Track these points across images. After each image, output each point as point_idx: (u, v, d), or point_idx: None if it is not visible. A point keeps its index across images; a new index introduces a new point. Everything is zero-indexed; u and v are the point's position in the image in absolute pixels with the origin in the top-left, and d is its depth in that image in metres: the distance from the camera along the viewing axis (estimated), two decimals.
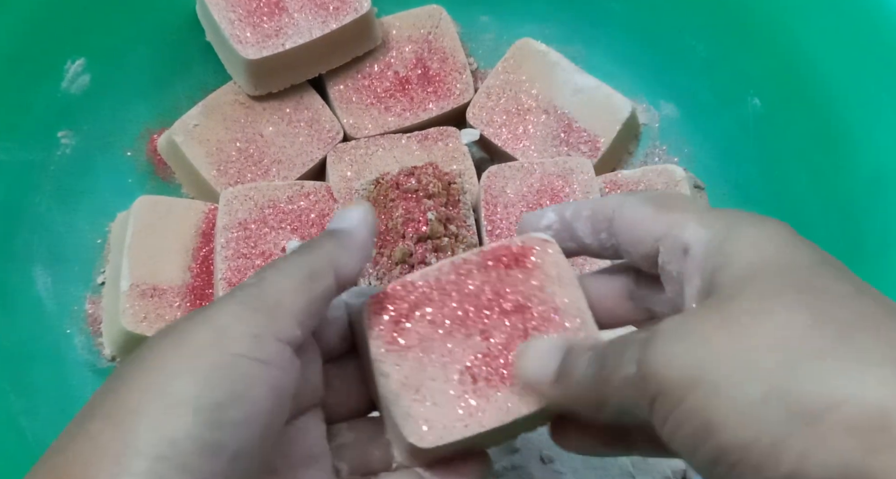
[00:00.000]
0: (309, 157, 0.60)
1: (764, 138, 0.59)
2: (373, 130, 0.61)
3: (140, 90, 0.61)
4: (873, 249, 0.52)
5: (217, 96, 0.60)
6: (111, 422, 0.27)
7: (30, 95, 0.56)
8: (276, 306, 0.30)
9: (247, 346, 0.29)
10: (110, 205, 0.60)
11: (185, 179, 0.61)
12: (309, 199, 0.55)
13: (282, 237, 0.54)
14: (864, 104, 0.53)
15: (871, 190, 0.52)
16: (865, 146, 0.53)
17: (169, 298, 0.54)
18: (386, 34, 0.62)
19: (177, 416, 0.27)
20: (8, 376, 0.52)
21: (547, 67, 0.62)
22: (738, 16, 0.59)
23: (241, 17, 0.57)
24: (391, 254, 0.51)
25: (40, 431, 0.52)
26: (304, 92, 0.61)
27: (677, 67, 0.63)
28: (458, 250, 0.52)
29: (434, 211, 0.51)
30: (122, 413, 0.27)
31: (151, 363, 0.28)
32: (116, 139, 0.61)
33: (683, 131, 0.64)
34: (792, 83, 0.56)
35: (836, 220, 0.54)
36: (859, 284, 0.29)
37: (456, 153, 0.60)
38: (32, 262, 0.56)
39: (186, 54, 0.62)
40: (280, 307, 0.30)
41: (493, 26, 0.67)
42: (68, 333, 0.56)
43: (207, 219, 0.57)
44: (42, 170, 0.58)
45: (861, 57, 0.53)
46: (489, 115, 0.61)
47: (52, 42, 0.56)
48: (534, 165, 0.57)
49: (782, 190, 0.58)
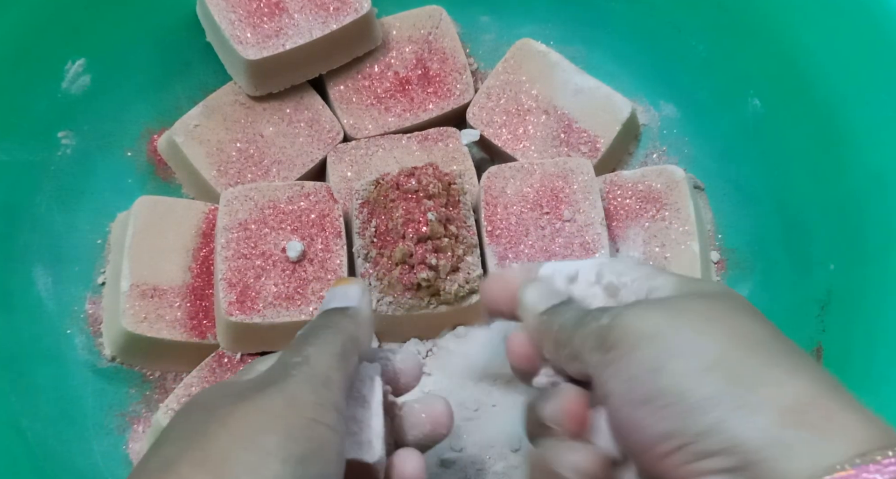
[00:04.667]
0: (309, 157, 0.60)
1: (764, 138, 0.59)
2: (373, 130, 0.61)
3: (140, 90, 0.61)
4: (873, 249, 0.52)
5: (217, 97, 0.60)
6: (205, 469, 0.30)
7: (30, 95, 0.56)
8: (328, 381, 0.34)
9: (317, 412, 0.33)
10: (110, 205, 0.60)
11: (186, 180, 0.61)
12: (309, 199, 0.55)
13: (282, 238, 0.54)
14: (864, 104, 0.53)
15: (871, 190, 0.52)
16: (865, 146, 0.53)
17: (169, 298, 0.54)
18: (386, 34, 0.62)
19: (268, 466, 0.30)
20: (8, 376, 0.52)
21: (547, 68, 0.62)
22: (738, 16, 0.59)
23: (241, 17, 0.57)
24: (391, 255, 0.51)
25: (40, 431, 0.52)
26: (305, 92, 0.61)
27: (677, 67, 0.63)
28: (458, 250, 0.52)
29: (434, 212, 0.51)
30: (216, 461, 0.30)
31: (238, 419, 0.31)
32: (117, 139, 0.61)
33: (683, 132, 0.64)
34: (792, 83, 0.56)
35: (836, 220, 0.54)
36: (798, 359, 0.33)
37: (456, 154, 0.60)
38: (32, 262, 0.56)
39: (187, 54, 0.62)
40: (331, 382, 0.34)
41: (493, 27, 0.67)
42: (68, 333, 0.56)
43: (208, 219, 0.57)
44: (42, 170, 0.58)
45: (861, 57, 0.53)
46: (489, 115, 0.61)
47: (52, 42, 0.56)
48: (534, 165, 0.57)
49: (782, 190, 0.58)
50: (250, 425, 0.31)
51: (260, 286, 0.52)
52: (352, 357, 0.36)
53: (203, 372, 0.53)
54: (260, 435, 0.31)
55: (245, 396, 0.33)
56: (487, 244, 0.55)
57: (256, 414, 0.32)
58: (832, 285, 0.54)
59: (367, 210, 0.54)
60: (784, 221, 0.58)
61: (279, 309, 0.52)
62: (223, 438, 0.31)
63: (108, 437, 0.54)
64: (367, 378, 0.39)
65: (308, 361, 0.35)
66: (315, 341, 0.36)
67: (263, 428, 0.31)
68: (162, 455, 0.31)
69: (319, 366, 0.35)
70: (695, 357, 0.31)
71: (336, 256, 0.54)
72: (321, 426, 0.32)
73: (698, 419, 0.30)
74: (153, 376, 0.56)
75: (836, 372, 0.51)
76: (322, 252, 0.54)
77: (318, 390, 0.33)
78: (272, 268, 0.53)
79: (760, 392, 0.30)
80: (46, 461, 0.51)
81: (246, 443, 0.30)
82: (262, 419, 0.32)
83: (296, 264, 0.53)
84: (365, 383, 0.38)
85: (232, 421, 0.31)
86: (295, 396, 0.33)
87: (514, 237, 0.55)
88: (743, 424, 0.29)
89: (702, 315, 0.33)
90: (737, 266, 0.60)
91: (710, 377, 0.31)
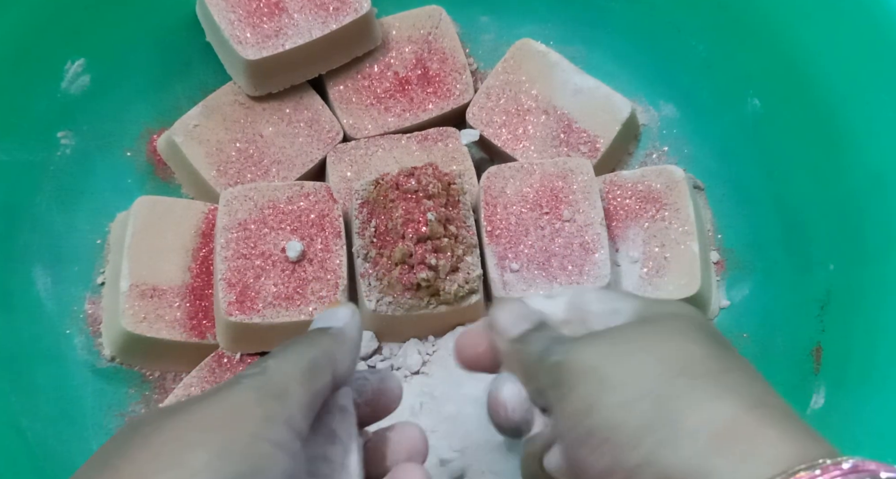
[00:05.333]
0: (309, 157, 0.60)
1: (764, 138, 0.59)
2: (373, 130, 0.61)
3: (140, 90, 0.61)
4: (873, 249, 0.52)
5: (217, 97, 0.60)
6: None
7: (30, 95, 0.56)
8: (284, 393, 0.31)
9: (261, 427, 0.29)
10: (110, 205, 0.60)
11: (185, 180, 0.61)
12: (309, 199, 0.55)
13: (282, 238, 0.54)
14: (864, 104, 0.53)
15: (871, 190, 0.52)
16: (865, 146, 0.53)
17: (169, 298, 0.54)
18: (386, 34, 0.62)
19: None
20: (8, 376, 0.52)
21: (547, 68, 0.62)
22: (738, 16, 0.59)
23: (240, 17, 0.57)
24: (391, 255, 0.51)
25: (40, 431, 0.52)
26: (304, 92, 0.61)
27: (677, 67, 0.63)
28: (458, 250, 0.52)
29: (434, 212, 0.51)
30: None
31: (163, 434, 0.28)
32: (116, 139, 0.61)
33: (683, 131, 0.64)
34: (792, 83, 0.56)
35: (836, 220, 0.54)
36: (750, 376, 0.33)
37: (456, 154, 0.60)
38: (32, 262, 0.56)
39: (186, 54, 0.62)
40: (287, 395, 0.31)
41: (493, 26, 0.67)
42: (68, 333, 0.56)
43: (207, 219, 0.57)
44: (42, 170, 0.58)
45: (861, 57, 0.53)
46: (489, 115, 0.61)
47: (52, 42, 0.56)
48: (533, 165, 0.57)
49: (782, 190, 0.58)
50: (177, 441, 0.28)
51: (259, 286, 0.52)
52: (321, 375, 0.33)
53: (202, 372, 0.53)
54: (186, 453, 0.27)
55: (178, 409, 0.30)
56: (487, 244, 0.55)
57: (186, 429, 0.28)
58: (832, 285, 0.54)
59: (367, 210, 0.54)
60: (784, 222, 0.58)
61: (279, 309, 0.52)
62: (142, 458, 0.28)
63: (107, 437, 0.53)
64: (338, 410, 0.34)
65: (265, 371, 0.31)
66: (279, 354, 0.33)
67: (192, 444, 0.28)
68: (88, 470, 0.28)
69: (276, 377, 0.31)
70: (625, 389, 0.31)
71: (336, 256, 0.54)
72: (264, 443, 0.29)
73: (631, 454, 0.30)
74: (153, 377, 0.56)
75: (836, 372, 0.52)
76: (322, 252, 0.54)
77: (265, 402, 0.30)
78: (272, 268, 0.53)
79: (687, 419, 0.30)
80: (46, 461, 0.51)
81: (168, 463, 0.27)
82: (191, 434, 0.28)
83: (295, 264, 0.53)
84: (335, 415, 0.34)
85: (156, 438, 0.28)
86: (236, 407, 0.29)
87: (514, 237, 0.55)
88: (669, 455, 0.29)
89: (637, 344, 0.33)
90: (737, 266, 0.60)
91: (638, 408, 0.30)
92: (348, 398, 0.35)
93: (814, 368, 0.53)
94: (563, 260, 0.54)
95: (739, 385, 0.31)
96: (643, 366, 0.32)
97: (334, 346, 0.34)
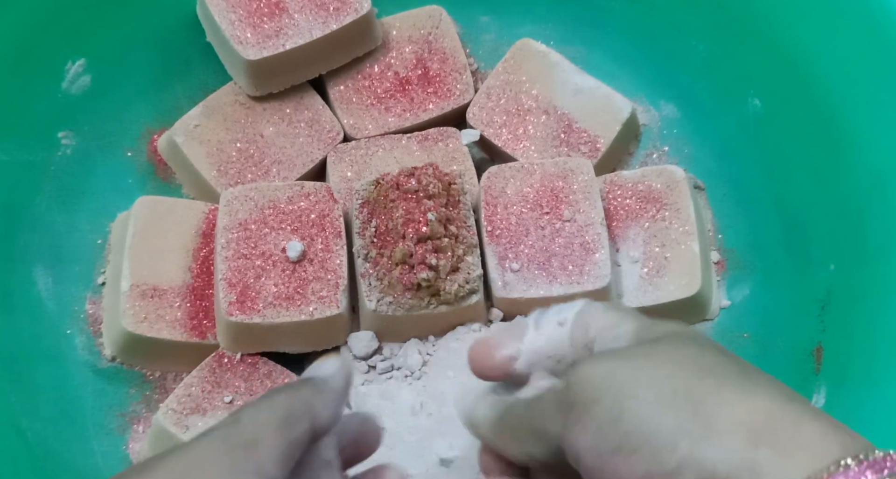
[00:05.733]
0: (309, 157, 0.60)
1: (764, 138, 0.59)
2: (373, 130, 0.61)
3: (140, 90, 0.61)
4: (873, 249, 0.52)
5: (217, 97, 0.60)
6: None
7: (30, 95, 0.56)
8: (254, 442, 0.30)
9: (227, 477, 0.28)
10: (110, 205, 0.60)
11: (186, 180, 0.61)
12: (309, 199, 0.55)
13: (282, 238, 0.54)
14: (864, 104, 0.53)
15: (871, 190, 0.52)
16: (866, 146, 0.53)
17: (169, 298, 0.54)
18: (386, 35, 0.62)
19: None
20: (8, 376, 0.52)
21: (547, 68, 0.62)
22: (739, 16, 0.59)
23: (241, 17, 0.57)
24: (391, 255, 0.51)
25: (40, 431, 0.52)
26: (305, 92, 0.61)
27: (677, 67, 0.63)
28: (458, 250, 0.52)
29: (434, 212, 0.51)
30: None
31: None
32: (117, 139, 0.61)
33: (683, 132, 0.64)
34: (792, 83, 0.56)
35: (836, 220, 0.54)
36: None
37: (456, 154, 0.60)
38: (32, 262, 0.56)
39: (187, 54, 0.62)
40: (258, 445, 0.30)
41: (493, 27, 0.67)
42: (68, 333, 0.56)
43: (208, 219, 0.57)
44: (42, 170, 0.58)
45: (861, 57, 0.53)
46: (489, 115, 0.61)
47: (52, 42, 0.56)
48: (534, 165, 0.57)
49: (782, 190, 0.58)
50: None
51: (260, 286, 0.52)
52: (298, 423, 0.32)
53: (203, 372, 0.53)
54: None
55: (146, 466, 0.29)
56: (487, 244, 0.55)
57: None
58: (832, 285, 0.54)
59: (367, 210, 0.54)
60: (784, 222, 0.58)
61: (279, 309, 0.52)
62: None
63: (108, 437, 0.54)
64: (323, 464, 0.34)
65: (237, 422, 0.31)
66: (255, 403, 0.32)
67: None
68: None
69: (248, 426, 0.30)
70: (651, 393, 0.31)
71: (336, 256, 0.54)
72: None
73: (669, 457, 0.29)
74: (153, 377, 0.56)
75: (837, 372, 0.52)
76: (322, 252, 0.54)
77: (234, 453, 0.29)
78: (272, 268, 0.53)
79: (721, 415, 0.29)
80: (46, 461, 0.51)
81: None
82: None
83: (296, 264, 0.53)
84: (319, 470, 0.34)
85: None
86: (203, 459, 0.29)
87: (514, 237, 0.55)
88: (710, 453, 0.29)
89: (651, 355, 0.33)
90: (737, 266, 0.60)
91: (670, 409, 0.30)
92: (332, 451, 0.35)
93: (814, 368, 0.53)
94: (563, 260, 0.54)
95: (768, 383, 0.31)
96: (665, 370, 0.31)
97: (314, 395, 0.34)
